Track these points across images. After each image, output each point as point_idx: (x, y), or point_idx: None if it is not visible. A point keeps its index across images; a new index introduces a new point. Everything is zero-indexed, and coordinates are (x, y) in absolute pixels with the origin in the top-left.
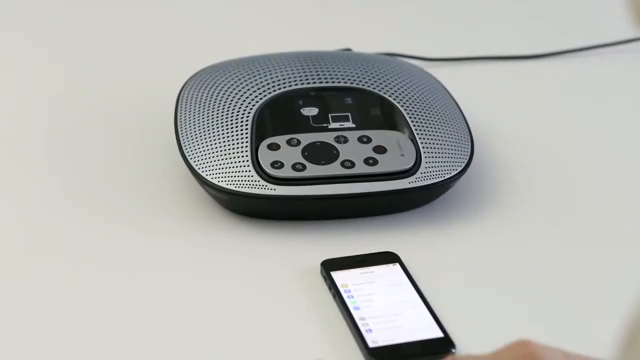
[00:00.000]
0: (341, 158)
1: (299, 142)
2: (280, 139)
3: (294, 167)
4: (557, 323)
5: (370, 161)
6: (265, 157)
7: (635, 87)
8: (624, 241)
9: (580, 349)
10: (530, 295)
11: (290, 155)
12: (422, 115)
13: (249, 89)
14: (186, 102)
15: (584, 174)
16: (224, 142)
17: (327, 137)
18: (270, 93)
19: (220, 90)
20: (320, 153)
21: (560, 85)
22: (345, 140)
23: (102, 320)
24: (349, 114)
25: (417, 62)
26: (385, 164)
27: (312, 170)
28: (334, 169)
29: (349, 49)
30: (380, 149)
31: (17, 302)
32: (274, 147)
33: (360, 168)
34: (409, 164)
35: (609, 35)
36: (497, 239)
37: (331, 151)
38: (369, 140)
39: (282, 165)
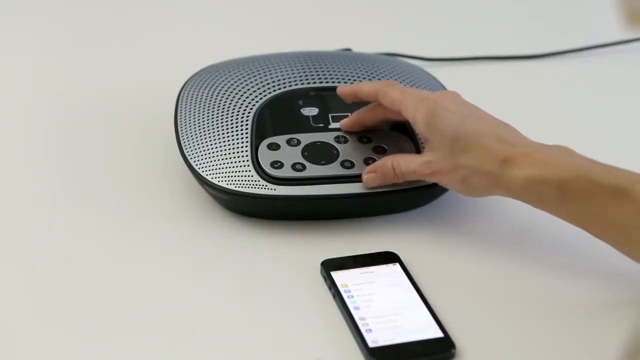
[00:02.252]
0: (341, 158)
1: (299, 142)
2: (280, 139)
3: (293, 167)
4: (557, 323)
5: (370, 161)
6: (265, 157)
7: (635, 87)
8: None
9: (580, 348)
10: (531, 295)
11: (290, 155)
12: None
13: (249, 89)
14: (186, 102)
15: None
16: (224, 142)
17: (327, 137)
18: (270, 93)
19: (220, 90)
20: (320, 153)
21: (560, 85)
22: (345, 140)
23: (102, 320)
24: (349, 114)
25: (417, 62)
26: None
27: (312, 170)
28: (334, 169)
29: (349, 49)
30: (380, 149)
31: (17, 301)
32: (274, 147)
33: (360, 168)
34: None
35: (609, 35)
36: (497, 238)
37: (331, 151)
38: (369, 140)
39: (282, 165)
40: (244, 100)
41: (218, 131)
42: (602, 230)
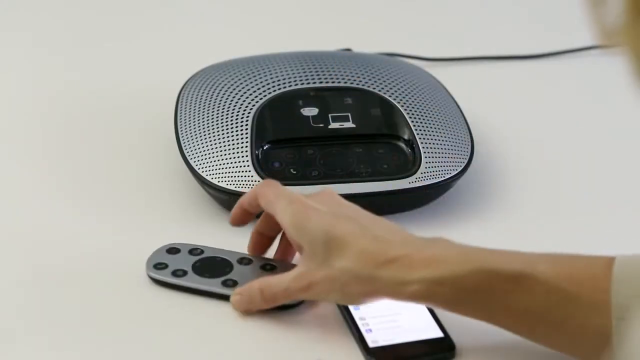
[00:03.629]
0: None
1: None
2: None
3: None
4: None
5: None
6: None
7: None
8: (625, 240)
9: None
10: None
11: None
12: (422, 115)
13: (249, 89)
14: (186, 102)
15: (584, 174)
16: (224, 142)
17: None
18: (270, 93)
19: (220, 90)
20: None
21: (560, 85)
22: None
23: (100, 320)
24: (349, 114)
25: (417, 62)
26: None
27: None
28: None
29: (349, 49)
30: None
31: (17, 300)
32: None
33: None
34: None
35: None
36: (497, 239)
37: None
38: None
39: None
40: (244, 100)
41: (218, 131)
42: (511, 320)
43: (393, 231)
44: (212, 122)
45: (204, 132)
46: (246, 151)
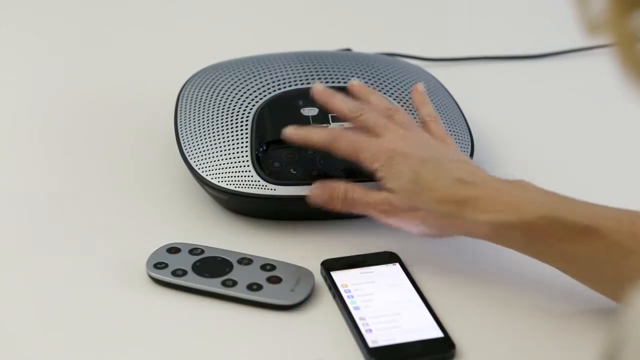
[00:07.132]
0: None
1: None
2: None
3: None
4: (557, 323)
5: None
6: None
7: None
8: None
9: (580, 349)
10: (531, 295)
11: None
12: None
13: (249, 89)
14: (186, 102)
15: (584, 173)
16: (224, 142)
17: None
18: (270, 93)
19: (220, 90)
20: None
21: (560, 85)
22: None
23: (101, 319)
24: None
25: (417, 62)
26: None
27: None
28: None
29: (349, 49)
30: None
31: (17, 300)
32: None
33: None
34: None
35: None
36: None
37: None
38: None
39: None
40: (244, 100)
41: (218, 131)
42: (572, 268)
43: (474, 173)
44: (212, 122)
45: (204, 132)
46: (246, 151)
